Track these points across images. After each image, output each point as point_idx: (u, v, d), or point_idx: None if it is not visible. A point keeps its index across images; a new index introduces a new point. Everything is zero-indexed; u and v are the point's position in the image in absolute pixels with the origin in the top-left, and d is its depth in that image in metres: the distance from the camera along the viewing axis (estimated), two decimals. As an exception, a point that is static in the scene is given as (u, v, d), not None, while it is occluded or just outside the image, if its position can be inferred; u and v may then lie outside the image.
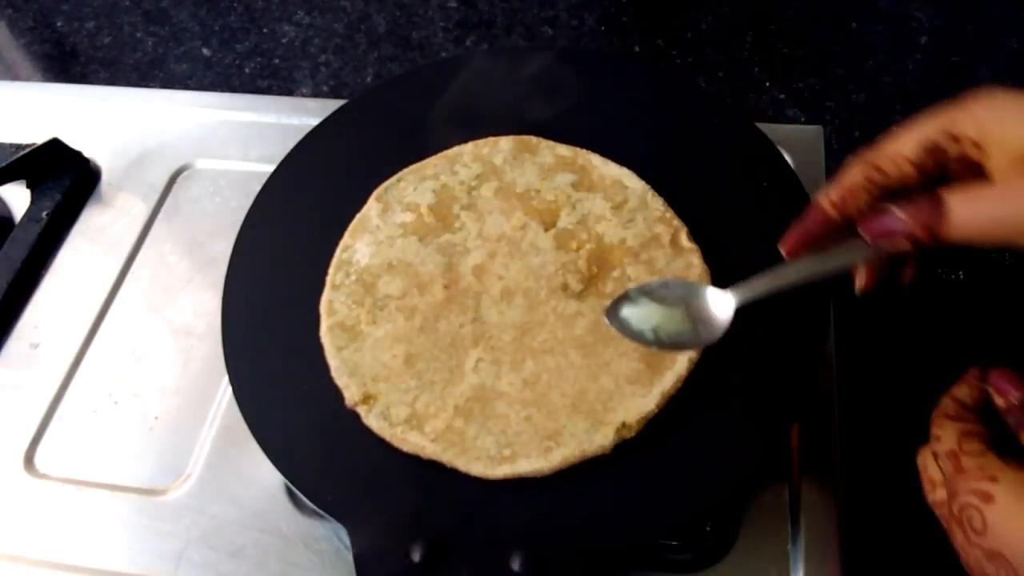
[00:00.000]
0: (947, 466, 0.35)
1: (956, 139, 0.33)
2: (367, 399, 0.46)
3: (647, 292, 0.43)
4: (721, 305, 0.42)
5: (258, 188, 0.56)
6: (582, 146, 0.55)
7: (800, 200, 0.50)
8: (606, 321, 0.43)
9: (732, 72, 0.73)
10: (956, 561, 0.37)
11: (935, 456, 0.36)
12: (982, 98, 0.32)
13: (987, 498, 0.32)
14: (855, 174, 0.35)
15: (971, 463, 0.34)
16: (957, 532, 0.34)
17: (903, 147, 0.34)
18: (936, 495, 0.36)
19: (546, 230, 0.51)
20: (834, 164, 0.59)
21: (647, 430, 0.44)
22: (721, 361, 0.46)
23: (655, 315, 0.42)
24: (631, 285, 0.47)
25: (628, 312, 0.43)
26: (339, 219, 0.53)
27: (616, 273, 0.49)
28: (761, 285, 0.39)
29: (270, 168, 0.57)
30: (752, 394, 0.45)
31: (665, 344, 0.42)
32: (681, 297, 0.43)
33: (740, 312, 0.47)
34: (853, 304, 0.58)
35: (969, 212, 0.31)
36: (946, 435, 0.36)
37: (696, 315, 0.42)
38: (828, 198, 0.36)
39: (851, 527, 0.46)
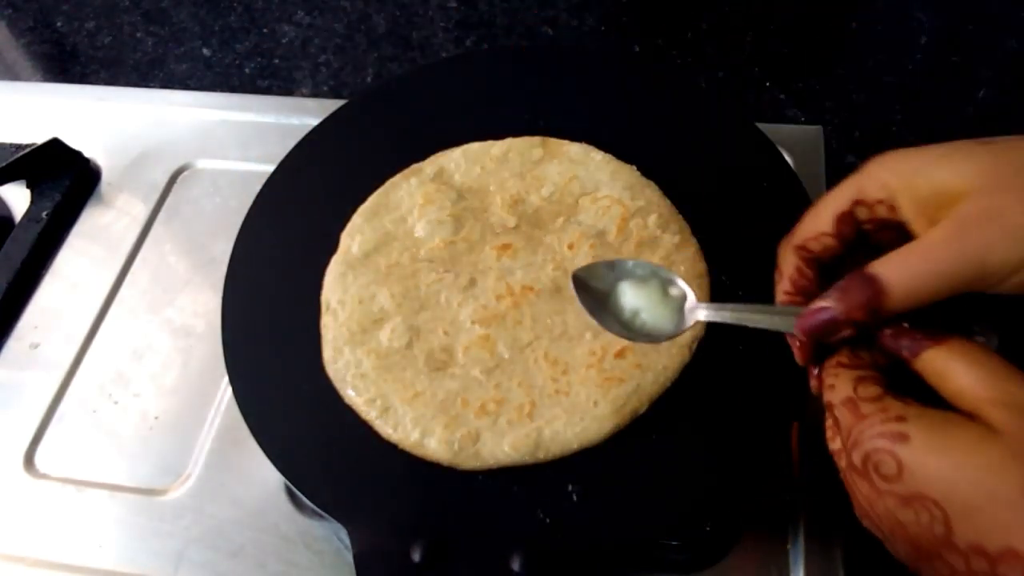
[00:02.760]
0: (844, 415, 0.31)
1: (865, 204, 0.34)
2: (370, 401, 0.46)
3: (627, 272, 0.43)
4: (690, 311, 0.41)
5: (258, 188, 0.56)
6: (579, 142, 0.55)
7: (800, 200, 0.50)
8: (574, 291, 0.42)
9: (732, 72, 0.73)
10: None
11: (830, 408, 0.33)
12: (882, 159, 0.33)
13: (900, 438, 0.29)
14: (789, 265, 0.37)
15: (871, 408, 0.31)
16: (861, 484, 0.31)
17: (820, 224, 0.35)
18: (834, 445, 0.33)
19: (547, 231, 0.51)
20: (834, 164, 0.59)
21: (647, 430, 0.44)
22: (720, 361, 0.46)
23: (638, 299, 0.42)
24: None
25: (617, 289, 0.42)
26: (339, 219, 0.53)
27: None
28: (729, 315, 0.39)
29: (270, 168, 0.57)
30: (752, 394, 0.45)
31: (634, 333, 0.41)
32: (656, 285, 0.42)
33: (741, 299, 0.47)
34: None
35: (905, 278, 0.30)
36: (840, 383, 0.32)
37: (667, 308, 0.42)
38: (784, 294, 0.37)
39: (851, 527, 0.46)
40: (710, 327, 0.47)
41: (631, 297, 0.42)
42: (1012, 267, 0.28)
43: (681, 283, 0.42)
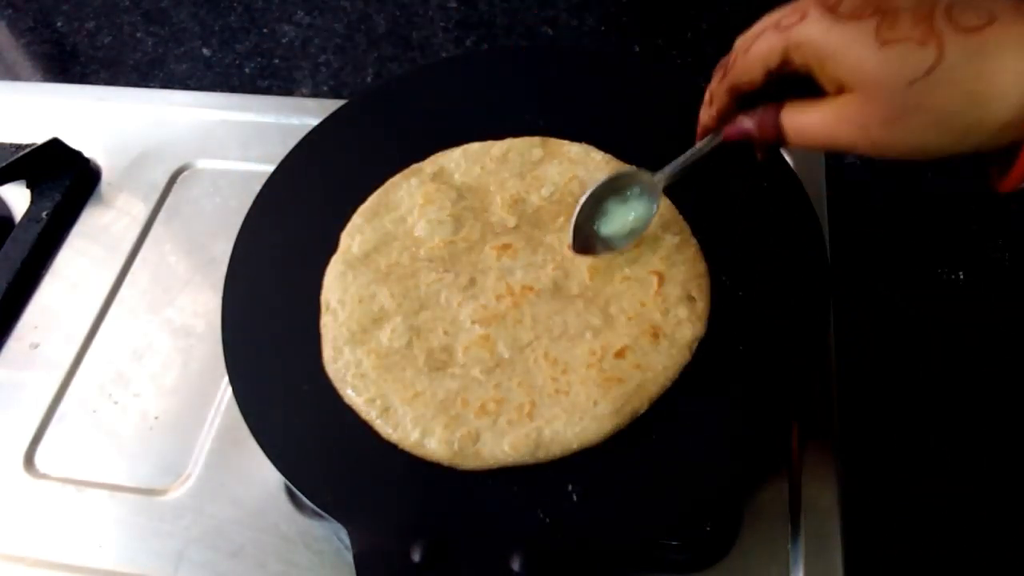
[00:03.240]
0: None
1: (790, 65, 0.37)
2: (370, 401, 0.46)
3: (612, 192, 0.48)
4: (656, 186, 0.47)
5: (258, 188, 0.56)
6: (579, 142, 0.55)
7: (800, 200, 0.50)
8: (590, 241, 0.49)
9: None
10: (956, 562, 0.37)
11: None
12: (808, 33, 0.36)
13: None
14: (720, 100, 0.42)
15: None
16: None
17: (752, 75, 0.39)
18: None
19: (547, 231, 0.51)
20: (833, 163, 0.59)
21: (648, 426, 0.44)
22: (720, 360, 0.46)
23: (627, 214, 0.49)
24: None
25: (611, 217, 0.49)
26: (339, 219, 0.53)
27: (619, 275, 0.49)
28: (677, 164, 0.46)
29: (270, 168, 0.57)
30: (752, 393, 0.45)
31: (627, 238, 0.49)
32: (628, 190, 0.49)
33: (740, 311, 0.47)
34: (853, 304, 0.58)
35: (799, 137, 0.38)
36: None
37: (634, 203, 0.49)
38: (710, 119, 0.43)
39: (851, 527, 0.46)
40: (710, 329, 0.47)
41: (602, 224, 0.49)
42: (877, 155, 0.36)
43: (633, 172, 0.48)
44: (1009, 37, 0.32)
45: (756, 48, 0.38)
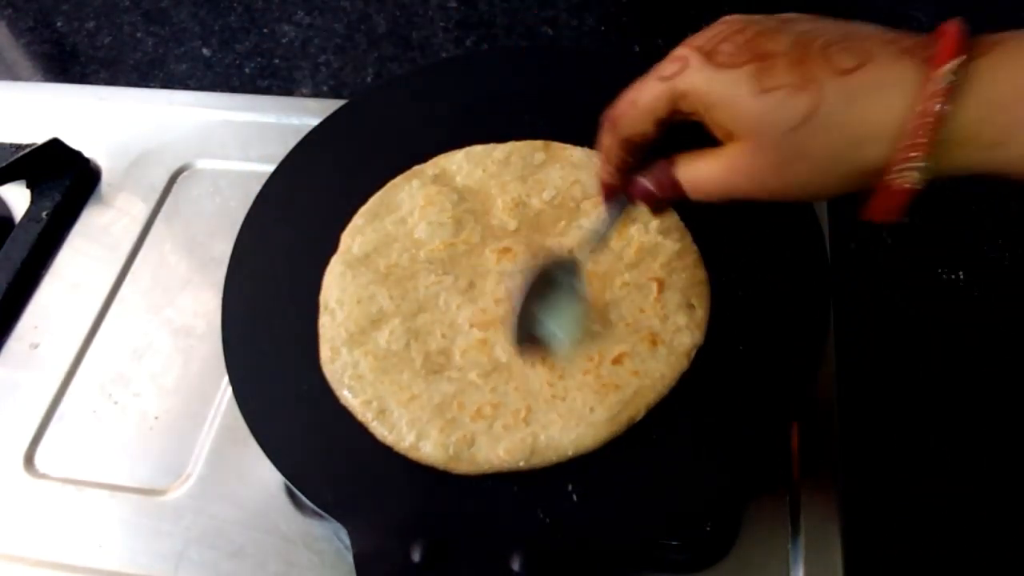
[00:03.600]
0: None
1: (680, 113, 0.37)
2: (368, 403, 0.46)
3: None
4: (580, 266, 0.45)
5: (258, 188, 0.56)
6: (583, 146, 0.55)
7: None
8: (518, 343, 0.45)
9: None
10: (956, 562, 0.37)
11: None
12: (692, 80, 0.35)
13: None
14: (613, 155, 0.40)
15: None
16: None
17: (642, 126, 0.38)
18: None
19: (548, 235, 0.51)
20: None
21: (647, 428, 0.44)
22: (720, 361, 0.46)
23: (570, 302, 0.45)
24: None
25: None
26: (339, 219, 0.53)
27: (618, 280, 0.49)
28: (595, 237, 0.44)
29: (270, 168, 0.57)
30: (752, 394, 0.45)
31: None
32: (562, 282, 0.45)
33: (740, 311, 0.47)
34: (853, 304, 0.58)
35: (690, 181, 0.38)
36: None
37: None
38: (607, 175, 0.42)
39: (851, 527, 0.46)
40: (710, 335, 0.46)
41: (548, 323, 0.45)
42: (775, 200, 0.36)
43: (555, 260, 0.45)
44: (885, 77, 0.32)
45: (642, 100, 0.37)
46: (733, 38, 0.35)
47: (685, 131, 0.38)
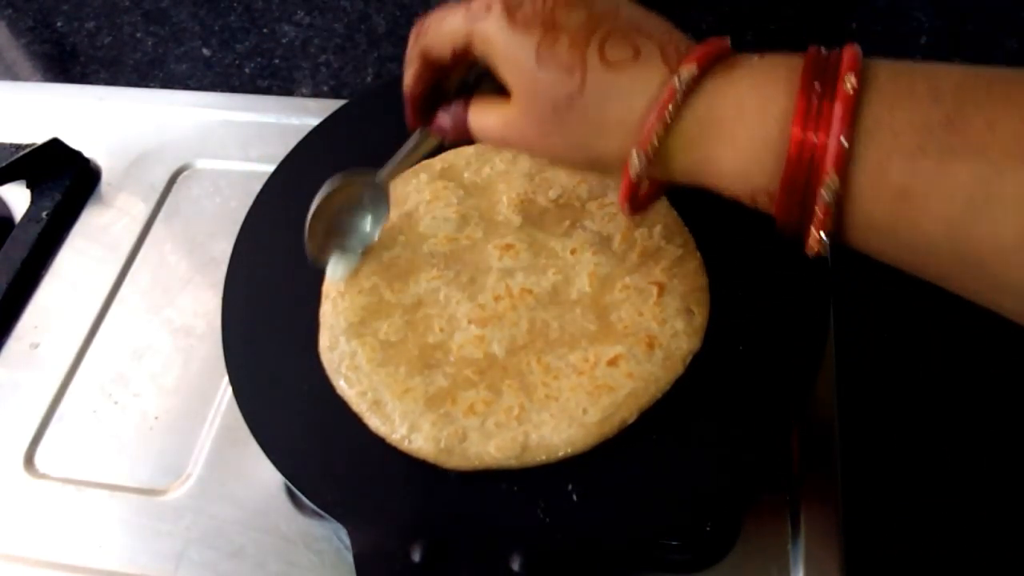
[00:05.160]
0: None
1: (473, 47, 0.38)
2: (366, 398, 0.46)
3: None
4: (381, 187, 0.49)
5: (258, 188, 0.56)
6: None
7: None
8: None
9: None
10: (956, 562, 0.37)
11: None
12: (485, 30, 0.37)
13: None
14: (415, 59, 0.42)
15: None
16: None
17: (441, 49, 0.40)
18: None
19: (551, 234, 0.51)
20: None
21: (646, 429, 0.44)
22: (720, 361, 0.46)
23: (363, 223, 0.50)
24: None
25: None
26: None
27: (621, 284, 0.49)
28: (396, 161, 0.48)
29: (270, 168, 0.57)
30: (752, 393, 0.45)
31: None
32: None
33: (740, 311, 0.47)
34: (853, 304, 0.58)
35: (478, 125, 0.40)
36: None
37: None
38: (409, 79, 0.43)
39: (851, 527, 0.46)
40: (708, 339, 0.46)
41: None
42: (554, 164, 0.40)
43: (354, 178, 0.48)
44: (639, 76, 0.34)
45: (445, 25, 0.39)
46: (537, 0, 0.36)
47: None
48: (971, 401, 0.56)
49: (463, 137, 0.42)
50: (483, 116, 0.40)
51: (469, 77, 0.42)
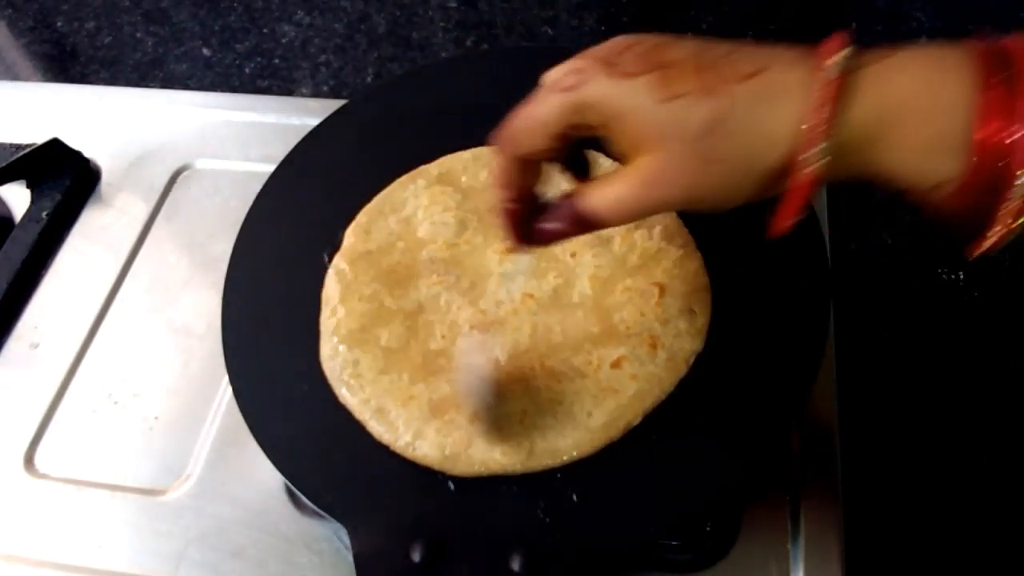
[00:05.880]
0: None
1: (581, 127, 0.36)
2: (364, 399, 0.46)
3: None
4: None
5: (258, 188, 0.56)
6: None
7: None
8: None
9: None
10: (956, 562, 0.37)
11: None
12: (593, 92, 0.35)
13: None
14: (510, 172, 0.38)
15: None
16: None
17: (539, 143, 0.37)
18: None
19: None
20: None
21: (647, 430, 0.44)
22: (721, 361, 0.46)
23: None
24: None
25: None
26: (339, 219, 0.53)
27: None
28: None
29: (270, 168, 0.57)
30: (752, 394, 0.45)
31: None
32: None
33: (740, 311, 0.47)
34: (853, 304, 0.58)
35: (604, 206, 0.36)
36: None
37: None
38: (512, 209, 0.39)
39: (851, 527, 0.46)
40: (710, 340, 0.46)
41: None
42: (691, 208, 0.36)
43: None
44: (783, 80, 0.33)
45: (540, 112, 0.36)
46: (633, 49, 0.35)
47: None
48: (971, 401, 0.56)
49: (582, 232, 0.38)
50: (607, 194, 0.36)
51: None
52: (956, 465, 0.54)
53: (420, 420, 0.45)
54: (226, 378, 0.48)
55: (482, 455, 0.43)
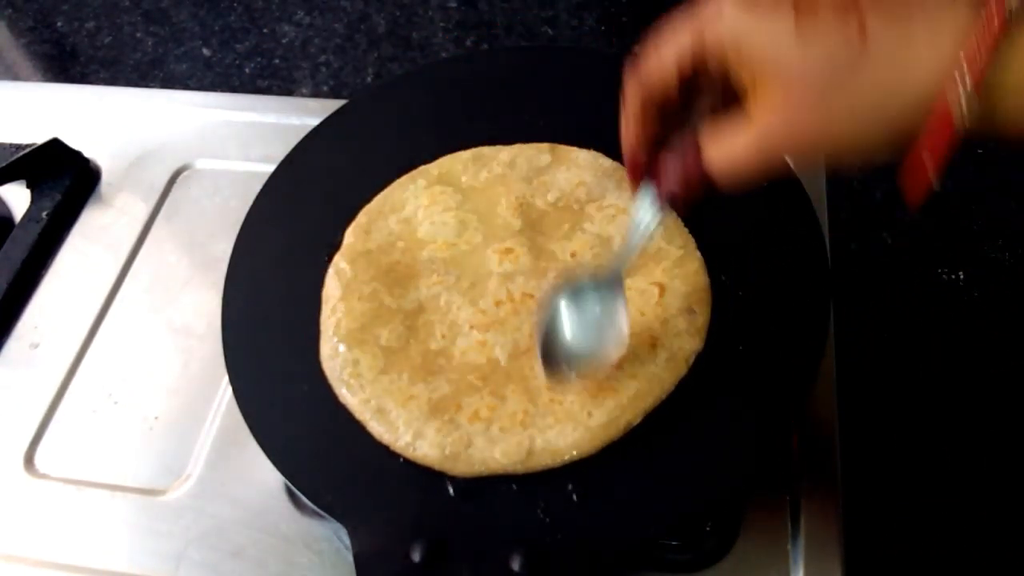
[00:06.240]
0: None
1: (703, 55, 0.34)
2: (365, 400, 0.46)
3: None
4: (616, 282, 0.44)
5: (258, 188, 0.56)
6: (582, 146, 0.55)
7: (800, 201, 0.50)
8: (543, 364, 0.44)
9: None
10: (956, 562, 0.37)
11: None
12: (720, 12, 0.33)
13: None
14: (634, 106, 0.38)
15: None
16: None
17: (665, 72, 0.36)
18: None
19: (551, 237, 0.51)
20: (834, 165, 0.59)
21: (647, 430, 0.44)
22: (721, 361, 0.46)
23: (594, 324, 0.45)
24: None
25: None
26: (339, 219, 0.53)
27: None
28: (632, 250, 0.43)
29: (270, 168, 0.57)
30: (752, 394, 0.45)
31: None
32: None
33: (740, 312, 0.47)
34: (853, 304, 0.58)
35: (724, 154, 0.34)
36: None
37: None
38: (631, 142, 0.39)
39: (851, 527, 0.46)
40: (710, 339, 0.46)
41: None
42: (810, 157, 0.34)
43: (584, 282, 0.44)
44: (937, 16, 0.30)
45: (667, 48, 0.35)
46: None
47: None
48: (971, 401, 0.56)
49: (697, 181, 0.37)
50: (727, 139, 0.34)
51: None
52: (956, 465, 0.54)
53: (420, 420, 0.45)
54: (226, 378, 0.48)
55: (482, 455, 0.43)
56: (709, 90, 0.37)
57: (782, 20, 0.32)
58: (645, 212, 0.41)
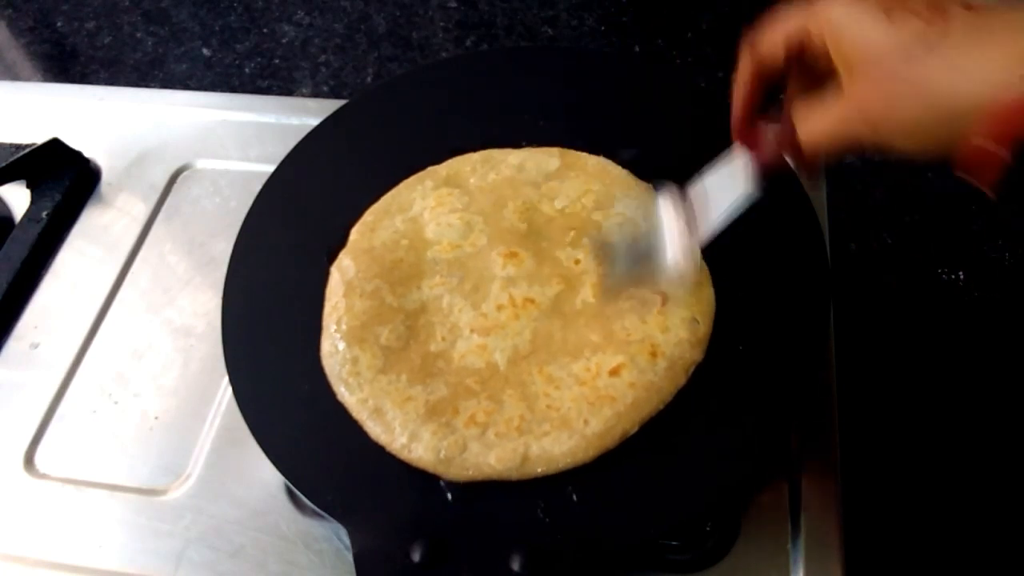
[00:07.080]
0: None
1: (808, 37, 0.38)
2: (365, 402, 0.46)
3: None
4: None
5: (258, 188, 0.56)
6: (582, 147, 0.55)
7: (800, 200, 0.50)
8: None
9: (732, 72, 0.73)
10: (956, 562, 0.37)
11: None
12: (827, 3, 0.37)
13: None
14: (745, 74, 0.42)
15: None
16: None
17: (774, 47, 0.40)
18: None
19: (556, 244, 0.51)
20: (834, 164, 0.59)
21: (647, 430, 0.44)
22: (722, 361, 0.46)
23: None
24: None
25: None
26: (338, 219, 0.53)
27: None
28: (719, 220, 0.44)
29: (270, 168, 0.57)
30: (752, 394, 0.45)
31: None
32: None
33: (740, 312, 0.47)
34: (853, 304, 0.58)
35: (812, 128, 0.38)
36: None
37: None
38: (738, 108, 0.43)
39: (851, 527, 0.46)
40: (711, 346, 0.46)
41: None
42: (878, 144, 0.35)
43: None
44: (1014, 32, 0.32)
45: (780, 25, 0.39)
46: None
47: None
48: (971, 401, 0.56)
49: (790, 151, 0.40)
50: (814, 115, 0.38)
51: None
52: (956, 464, 0.54)
53: (416, 422, 0.45)
54: (226, 378, 0.49)
55: (476, 460, 0.43)
56: (804, 73, 0.40)
57: (874, 3, 0.35)
58: (739, 180, 0.43)
